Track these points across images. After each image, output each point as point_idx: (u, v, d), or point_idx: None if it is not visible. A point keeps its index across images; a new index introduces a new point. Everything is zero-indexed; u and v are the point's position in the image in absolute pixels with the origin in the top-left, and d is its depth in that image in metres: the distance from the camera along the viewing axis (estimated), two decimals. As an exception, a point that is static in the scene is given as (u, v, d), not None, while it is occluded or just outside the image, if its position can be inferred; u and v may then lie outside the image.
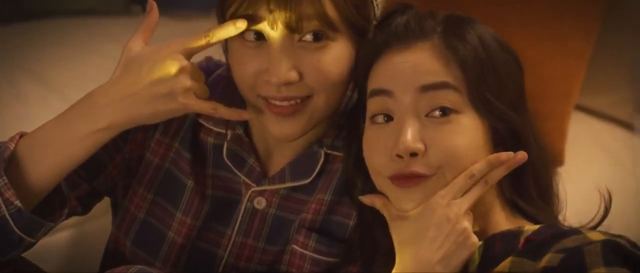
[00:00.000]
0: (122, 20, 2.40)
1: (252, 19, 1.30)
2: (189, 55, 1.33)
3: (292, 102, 1.34)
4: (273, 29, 1.30)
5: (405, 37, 1.29)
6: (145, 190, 1.48)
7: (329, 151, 1.44)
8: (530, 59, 1.97)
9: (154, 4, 1.37)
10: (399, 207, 1.27)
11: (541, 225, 1.26)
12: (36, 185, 1.32)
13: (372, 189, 1.33)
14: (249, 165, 1.45)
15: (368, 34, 1.36)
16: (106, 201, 1.55)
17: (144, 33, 1.35)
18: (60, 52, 2.23)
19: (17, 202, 1.29)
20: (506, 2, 2.11)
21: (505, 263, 1.19)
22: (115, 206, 1.55)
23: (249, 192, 1.45)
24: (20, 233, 1.31)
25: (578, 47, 2.10)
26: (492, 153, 1.26)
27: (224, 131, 1.46)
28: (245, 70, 1.34)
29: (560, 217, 1.36)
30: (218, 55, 1.46)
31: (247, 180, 1.45)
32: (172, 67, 1.30)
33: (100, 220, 1.69)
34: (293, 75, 1.31)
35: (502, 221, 1.29)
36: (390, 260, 1.28)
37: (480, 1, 2.09)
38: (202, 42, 1.33)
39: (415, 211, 1.25)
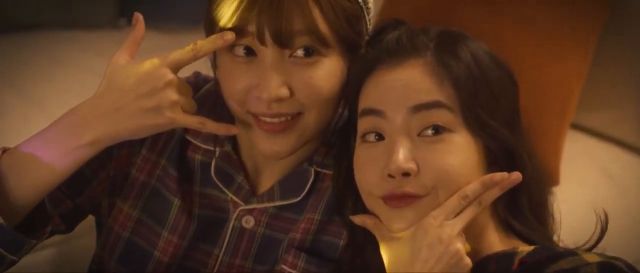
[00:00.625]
0: (109, 34, 2.40)
1: (242, 34, 1.29)
2: (175, 68, 1.31)
3: (283, 118, 1.32)
4: (263, 44, 1.28)
5: (397, 54, 1.27)
6: (131, 208, 1.46)
7: (319, 169, 1.42)
8: (526, 74, 1.98)
9: (141, 17, 1.35)
10: (391, 228, 1.25)
11: (536, 246, 1.24)
12: (19, 202, 1.30)
13: (363, 209, 1.31)
14: (238, 183, 1.43)
15: (360, 49, 1.35)
16: (90, 219, 1.52)
17: (130, 47, 1.34)
18: (44, 66, 2.23)
19: (-1, 219, 1.27)
20: (502, 16, 2.10)
21: (500, 285, 1.18)
22: (99, 224, 1.53)
23: (237, 210, 1.43)
24: (2, 251, 1.29)
25: (576, 61, 2.09)
26: (485, 172, 1.25)
27: (212, 148, 1.44)
28: (235, 86, 1.32)
29: (555, 238, 1.34)
30: (206, 70, 1.45)
31: (235, 199, 1.43)
32: (159, 81, 1.28)
33: (84, 238, 1.68)
34: (284, 92, 1.29)
35: (496, 242, 1.28)
36: (382, 281, 1.26)
37: (476, 16, 2.09)
38: (189, 55, 1.31)
39: (407, 232, 1.23)
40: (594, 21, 2.10)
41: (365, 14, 1.35)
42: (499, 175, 1.23)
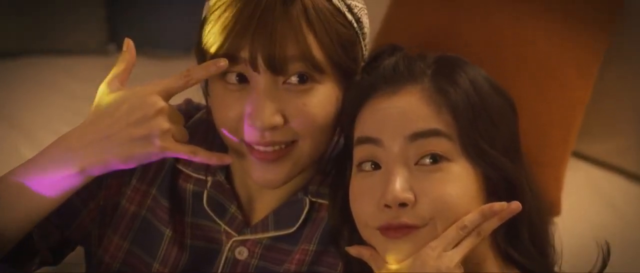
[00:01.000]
0: (98, 60, 2.39)
1: (234, 60, 1.27)
2: (167, 96, 1.29)
3: (276, 147, 1.30)
4: (256, 70, 1.26)
5: (394, 80, 1.26)
6: (121, 238, 1.44)
7: (314, 199, 1.40)
8: (527, 100, 1.96)
9: (131, 43, 1.33)
10: (388, 259, 1.23)
11: (536, 277, 1.22)
12: (7, 232, 1.28)
13: (359, 239, 1.28)
14: (231, 213, 1.41)
15: (355, 75, 1.33)
16: (79, 250, 1.50)
17: (121, 73, 1.32)
18: (32, 93, 2.23)
19: (-14, 251, 1.25)
20: (502, 41, 2.09)
21: (499, 318, 1.16)
22: (89, 256, 1.50)
23: (230, 241, 1.40)
24: (-11, 284, 1.27)
25: (578, 87, 2.08)
26: (485, 202, 1.23)
27: (204, 177, 1.42)
28: (227, 114, 1.30)
29: (556, 269, 1.33)
30: (198, 98, 1.43)
31: (228, 229, 1.41)
32: (150, 109, 1.26)
33: (73, 270, 1.65)
34: (277, 120, 1.27)
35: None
36: (378, 314, 1.24)
37: (475, 41, 2.07)
38: (181, 82, 1.29)
39: (404, 263, 1.21)
40: (595, 46, 2.10)
41: (361, 40, 1.33)
42: (498, 205, 1.21)
